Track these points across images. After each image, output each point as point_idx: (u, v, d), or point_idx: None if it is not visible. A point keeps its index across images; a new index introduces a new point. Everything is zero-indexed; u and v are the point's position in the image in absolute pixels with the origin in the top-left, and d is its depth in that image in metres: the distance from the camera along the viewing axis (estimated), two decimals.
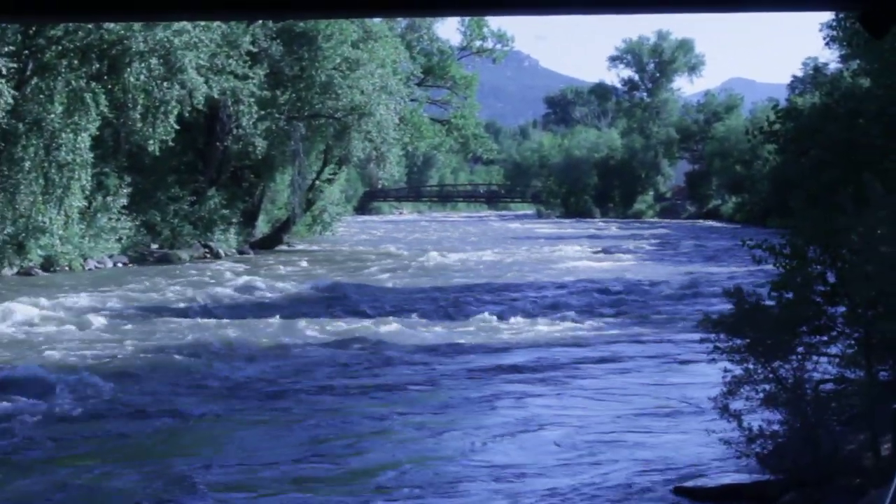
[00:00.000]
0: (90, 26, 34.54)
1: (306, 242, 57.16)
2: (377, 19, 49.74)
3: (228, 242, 48.47)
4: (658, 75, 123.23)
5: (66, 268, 36.76)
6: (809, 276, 10.41)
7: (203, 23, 37.30)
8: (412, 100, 61.36)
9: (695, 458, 11.81)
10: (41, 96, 35.04)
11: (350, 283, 33.50)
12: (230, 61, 41.65)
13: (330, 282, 33.72)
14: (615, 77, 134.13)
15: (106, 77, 36.74)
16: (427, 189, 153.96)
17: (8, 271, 34.68)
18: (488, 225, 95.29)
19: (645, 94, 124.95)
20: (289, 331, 22.22)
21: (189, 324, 23.28)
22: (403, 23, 64.26)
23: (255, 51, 45.00)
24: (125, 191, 41.59)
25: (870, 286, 9.77)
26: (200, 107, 40.58)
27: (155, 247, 43.82)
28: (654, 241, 61.39)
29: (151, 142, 37.99)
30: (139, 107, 37.15)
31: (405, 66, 58.26)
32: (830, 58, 53.27)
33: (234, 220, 49.55)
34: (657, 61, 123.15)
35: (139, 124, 37.60)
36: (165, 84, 37.38)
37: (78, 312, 24.97)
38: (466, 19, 72.62)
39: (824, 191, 12.36)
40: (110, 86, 36.77)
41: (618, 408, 14.83)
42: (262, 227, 55.40)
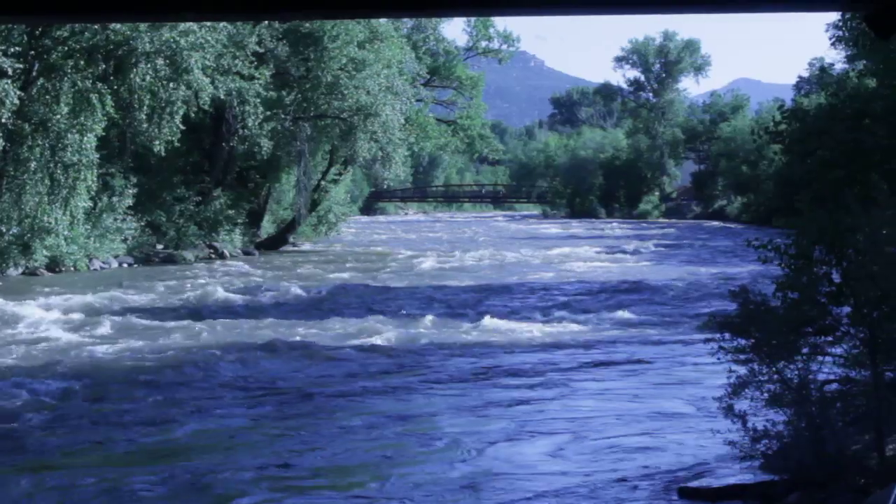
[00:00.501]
0: (96, 27, 34.56)
1: (311, 243, 57.21)
2: (383, 20, 49.76)
3: (234, 243, 48.52)
4: (664, 76, 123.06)
5: (72, 268, 36.83)
6: (815, 277, 10.40)
7: (209, 23, 37.32)
8: (418, 100, 61.41)
9: (699, 459, 11.79)
10: (47, 97, 35.06)
11: (354, 284, 33.51)
12: (236, 62, 41.66)
13: (334, 283, 33.75)
14: (621, 77, 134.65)
15: (112, 78, 36.74)
16: (433, 189, 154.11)
17: (13, 272, 34.75)
18: (494, 225, 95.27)
19: (651, 94, 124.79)
20: (290, 332, 22.17)
21: (194, 325, 23.27)
22: (409, 23, 64.26)
23: (261, 51, 45.02)
24: (131, 191, 41.65)
25: (875, 286, 9.77)
26: (206, 107, 40.62)
27: (160, 247, 43.87)
28: (659, 241, 61.33)
29: (157, 142, 37.99)
30: (145, 107, 37.15)
31: (411, 66, 58.20)
32: (836, 58, 53.32)
33: (239, 221, 49.60)
34: (663, 62, 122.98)
35: (145, 125, 37.60)
36: (171, 85, 37.39)
37: (83, 313, 25.00)
38: (472, 20, 72.67)
39: (830, 191, 12.37)
40: (116, 86, 36.77)
41: (622, 408, 14.81)
42: (267, 228, 55.47)
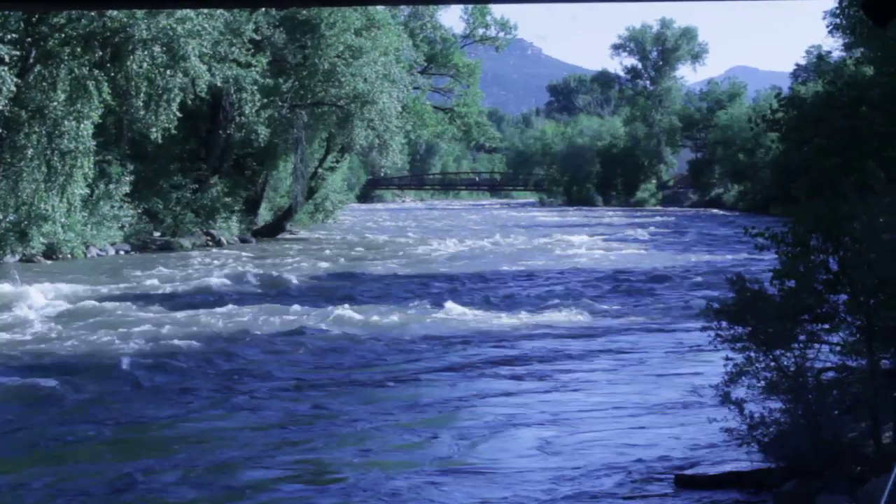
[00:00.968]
0: (93, 14, 34.51)
1: (308, 230, 57.24)
2: (380, 7, 49.71)
3: (230, 230, 48.54)
4: (661, 63, 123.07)
5: (69, 255, 36.84)
6: (812, 265, 10.41)
7: (206, 11, 37.28)
8: (415, 88, 61.35)
9: (696, 447, 11.81)
10: (44, 84, 35.03)
11: (349, 271, 33.51)
12: (233, 49, 41.64)
13: (329, 271, 33.78)
14: (618, 65, 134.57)
15: (109, 65, 36.70)
16: (430, 177, 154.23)
17: (10, 259, 34.74)
18: (490, 213, 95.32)
19: (648, 82, 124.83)
20: (282, 321, 22.11)
21: (189, 312, 23.27)
22: (406, 11, 64.20)
23: (258, 39, 44.99)
24: (127, 178, 41.64)
25: (872, 274, 9.78)
26: (203, 95, 40.60)
27: (157, 235, 43.89)
28: (656, 229, 61.35)
29: (154, 130, 37.99)
30: (142, 95, 37.14)
31: (408, 54, 58.18)
32: (834, 46, 53.24)
33: (236, 209, 49.63)
34: (660, 49, 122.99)
35: (142, 112, 37.59)
36: (168, 72, 37.37)
37: (79, 300, 25.00)
38: (469, 7, 72.56)
39: (827, 179, 12.37)
40: (113, 74, 36.73)
41: (617, 397, 14.81)
42: (264, 216, 55.48)
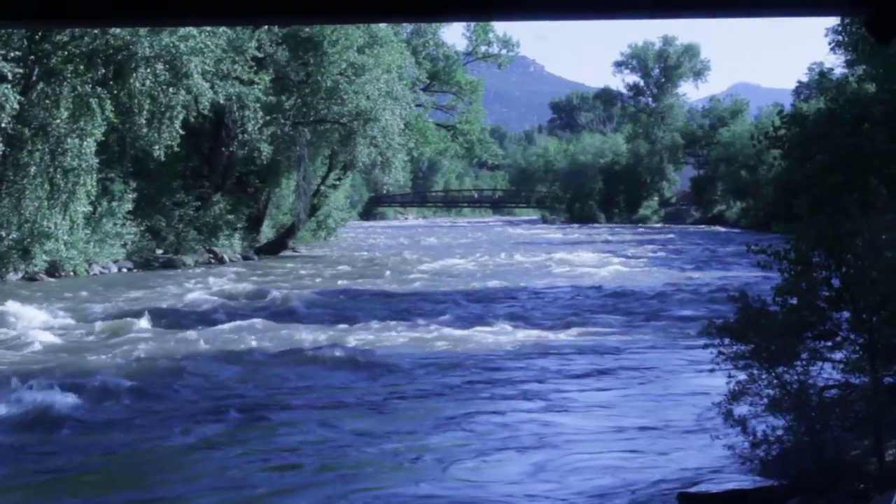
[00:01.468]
0: (96, 32, 34.59)
1: (311, 248, 57.24)
2: (383, 25, 49.81)
3: (233, 248, 48.55)
4: (663, 80, 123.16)
5: (72, 273, 36.82)
6: (814, 282, 10.40)
7: (208, 28, 37.35)
8: (417, 105, 61.41)
9: (698, 465, 11.77)
10: (47, 101, 35.10)
11: (351, 289, 33.49)
12: (236, 67, 41.72)
13: (331, 288, 33.76)
14: (620, 82, 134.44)
15: (111, 82, 36.79)
16: (432, 194, 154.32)
17: (13, 276, 34.74)
18: (493, 230, 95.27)
19: (650, 99, 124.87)
20: (282, 340, 22.02)
21: (193, 330, 23.23)
22: (409, 28, 64.38)
23: (261, 56, 45.07)
24: (130, 196, 41.68)
25: (875, 291, 9.77)
26: (206, 112, 40.66)
27: (160, 252, 43.87)
28: (658, 246, 61.34)
29: (157, 147, 38.04)
30: (145, 112, 37.20)
31: (410, 71, 58.27)
32: (836, 63, 53.38)
33: (238, 226, 49.63)
34: (662, 66, 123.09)
35: (144, 129, 37.64)
36: (171, 89, 37.43)
37: (83, 318, 24.99)
38: (472, 24, 72.75)
39: (829, 196, 12.35)
40: (116, 91, 36.81)
41: (618, 415, 14.77)
42: (266, 233, 55.50)
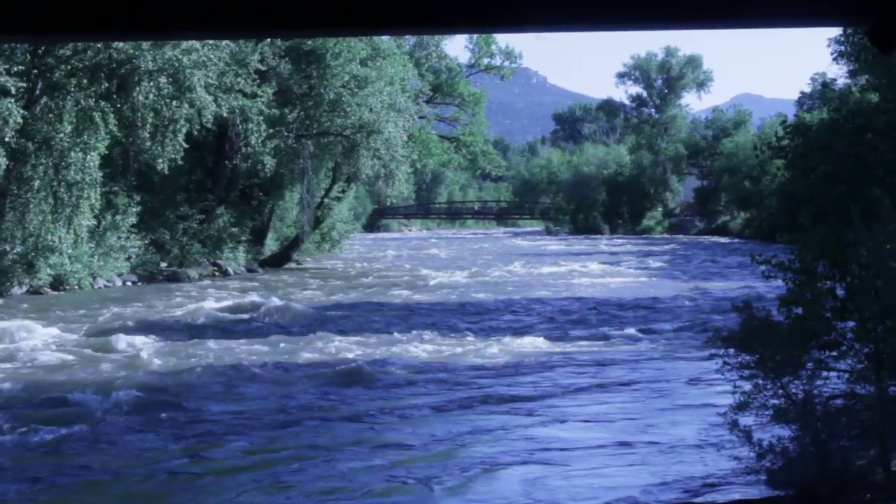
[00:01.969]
0: (99, 46, 34.66)
1: (315, 260, 57.24)
2: (385, 37, 49.88)
3: (237, 261, 48.53)
4: (666, 91, 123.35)
5: (76, 287, 36.82)
6: (819, 292, 10.39)
7: (211, 42, 37.41)
8: (420, 117, 61.52)
9: (704, 475, 11.75)
10: (50, 115, 35.15)
11: (355, 302, 33.46)
12: (239, 80, 41.78)
13: (336, 301, 33.75)
14: (623, 93, 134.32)
15: (115, 96, 36.84)
16: (436, 206, 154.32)
17: (17, 290, 34.74)
18: (497, 242, 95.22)
19: (653, 110, 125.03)
20: (285, 353, 21.97)
21: (197, 343, 23.24)
22: (412, 40, 64.50)
23: (264, 69, 45.14)
24: (134, 209, 41.66)
25: (879, 301, 9.75)
26: (209, 125, 40.68)
27: (164, 265, 43.86)
28: (663, 257, 61.32)
29: (160, 160, 38.10)
30: (148, 125, 37.26)
31: (413, 83, 58.36)
32: (839, 73, 53.45)
33: (242, 239, 49.62)
34: (665, 77, 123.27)
35: (148, 143, 37.70)
36: (174, 103, 37.48)
37: (87, 332, 25.00)
38: (475, 37, 72.88)
39: (833, 206, 12.36)
40: (119, 105, 36.86)
41: (623, 427, 14.73)
42: (270, 246, 55.51)
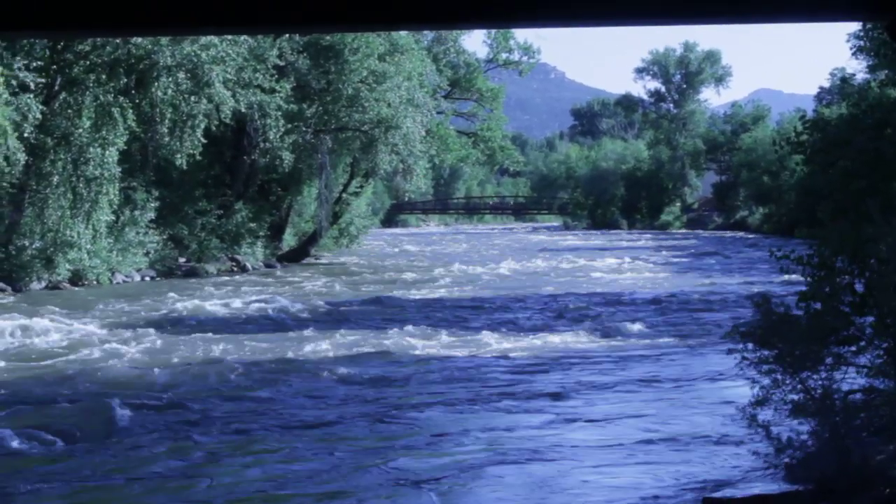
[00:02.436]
0: (118, 41, 34.72)
1: (333, 255, 57.26)
2: (403, 32, 49.85)
3: (255, 256, 48.58)
4: (685, 87, 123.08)
5: (95, 282, 36.91)
6: (837, 287, 10.35)
7: (230, 37, 37.47)
8: (439, 112, 61.47)
9: (724, 470, 11.74)
10: (69, 111, 35.25)
11: (374, 297, 33.42)
12: (257, 75, 41.80)
13: (354, 296, 33.76)
14: (642, 89, 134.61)
15: (133, 91, 36.94)
16: (454, 201, 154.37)
17: (36, 285, 34.86)
18: (515, 237, 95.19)
19: (672, 105, 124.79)
20: (301, 348, 22.00)
21: (217, 338, 23.28)
22: (430, 36, 64.42)
23: (282, 64, 45.15)
24: (153, 205, 41.76)
25: None
26: (227, 121, 40.70)
27: (182, 260, 43.96)
28: (681, 252, 61.23)
29: (179, 156, 38.14)
30: (167, 121, 37.31)
31: (432, 78, 58.33)
32: (858, 68, 53.30)
33: (261, 234, 49.67)
34: (684, 73, 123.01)
35: (167, 138, 37.76)
36: (193, 98, 37.53)
37: (107, 326, 25.08)
38: (493, 32, 72.79)
39: (852, 201, 12.34)
40: (138, 100, 36.95)
41: (642, 423, 14.69)
42: (288, 241, 55.56)
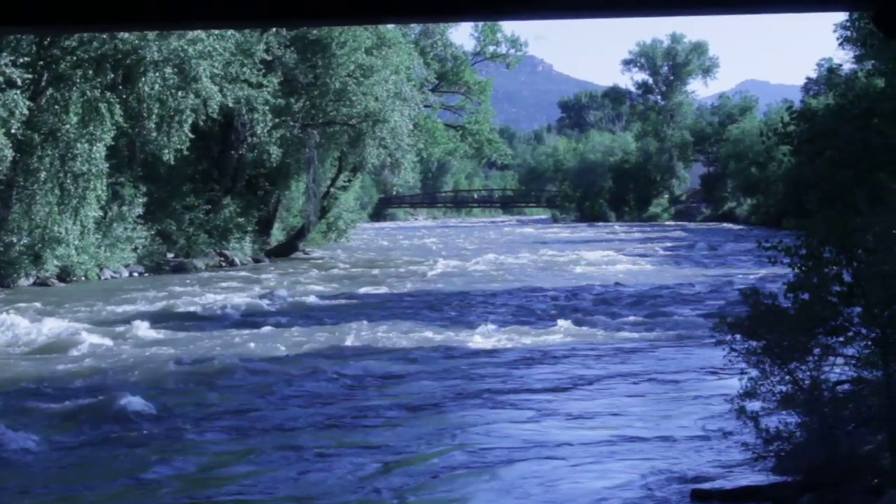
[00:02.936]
0: (104, 36, 34.65)
1: (321, 250, 57.23)
2: (390, 26, 49.82)
3: (244, 251, 48.55)
4: (672, 78, 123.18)
5: (83, 278, 36.89)
6: (825, 277, 10.37)
7: (217, 32, 37.40)
8: (426, 106, 61.48)
9: (712, 462, 11.78)
10: (56, 107, 35.17)
11: (362, 291, 33.47)
12: (244, 70, 41.75)
13: (343, 290, 33.77)
14: (629, 80, 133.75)
15: (120, 87, 36.87)
16: (442, 195, 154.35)
17: (24, 282, 34.83)
18: (504, 230, 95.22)
19: (659, 97, 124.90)
20: (287, 344, 21.90)
21: (205, 334, 23.30)
22: (417, 29, 64.42)
23: (269, 59, 45.10)
24: (140, 200, 41.71)
25: (885, 286, 9.75)
26: (215, 115, 40.66)
27: (170, 256, 43.92)
28: (669, 244, 61.33)
29: (166, 151, 38.10)
30: (154, 116, 37.25)
31: (419, 72, 58.32)
32: (845, 58, 53.14)
33: (249, 229, 49.62)
34: (671, 64, 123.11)
35: (154, 134, 37.71)
36: (180, 93, 37.49)
37: (94, 322, 25.04)
38: (480, 25, 72.82)
39: (839, 191, 12.37)
40: (125, 96, 36.88)
41: (630, 416, 14.73)
42: (277, 235, 55.52)
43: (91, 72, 35.74)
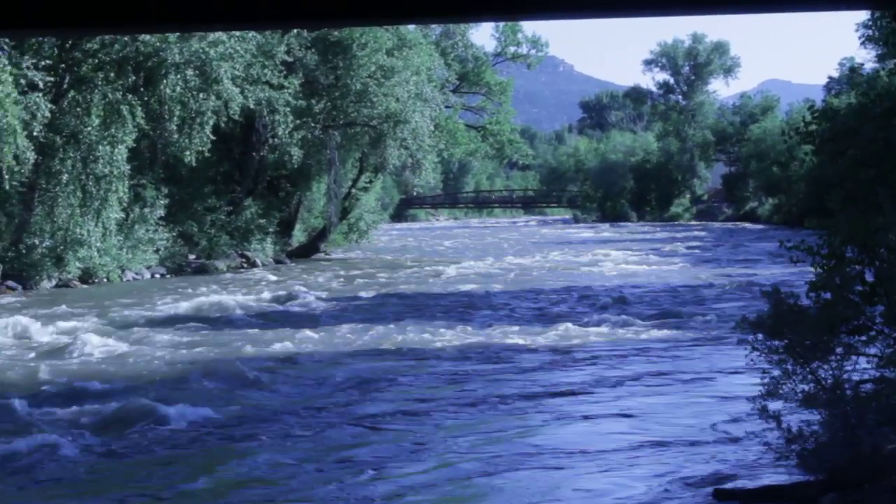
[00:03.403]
0: (126, 39, 34.78)
1: (343, 251, 57.22)
2: (411, 27, 49.85)
3: (265, 252, 48.59)
4: (693, 78, 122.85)
5: (105, 279, 36.97)
6: (847, 277, 10.33)
7: (238, 33, 37.48)
8: (447, 106, 61.51)
9: (735, 462, 11.75)
10: (78, 109, 35.31)
11: (385, 292, 33.48)
12: (265, 71, 41.82)
13: (366, 291, 33.71)
14: (650, 80, 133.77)
15: (142, 89, 36.99)
16: (463, 195, 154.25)
17: (47, 284, 34.94)
18: (525, 230, 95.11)
19: (680, 97, 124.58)
20: (319, 343, 22.08)
21: (229, 334, 23.34)
22: (438, 30, 64.47)
23: (290, 60, 45.16)
24: (162, 202, 41.79)
25: None
26: (236, 117, 40.74)
27: (192, 257, 43.99)
28: (691, 244, 61.15)
29: (188, 153, 38.20)
30: (175, 118, 37.36)
31: (440, 72, 58.39)
32: (866, 57, 53.08)
33: (270, 230, 49.66)
34: (692, 64, 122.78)
35: (175, 135, 37.81)
36: (201, 95, 37.60)
37: (118, 325, 25.09)
38: (501, 25, 72.83)
39: (861, 190, 12.28)
40: (146, 98, 37.01)
41: (652, 416, 14.70)
42: (298, 236, 55.55)
43: (112, 74, 35.88)
